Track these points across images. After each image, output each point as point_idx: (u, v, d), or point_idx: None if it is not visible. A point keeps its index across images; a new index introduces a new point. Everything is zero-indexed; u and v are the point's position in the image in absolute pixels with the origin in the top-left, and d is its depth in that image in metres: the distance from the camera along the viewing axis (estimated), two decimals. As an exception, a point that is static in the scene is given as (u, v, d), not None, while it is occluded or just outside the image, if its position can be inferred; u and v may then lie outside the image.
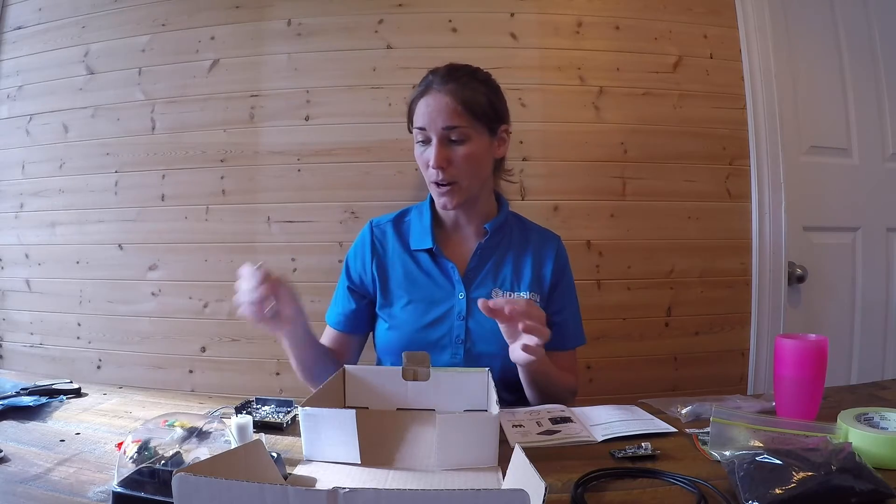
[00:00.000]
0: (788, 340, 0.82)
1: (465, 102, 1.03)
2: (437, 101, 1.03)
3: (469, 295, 1.08)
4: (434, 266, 1.11)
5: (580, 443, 0.76)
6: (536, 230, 1.19)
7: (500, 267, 1.12)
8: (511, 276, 1.11)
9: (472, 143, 1.04)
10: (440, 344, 1.06)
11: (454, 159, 1.03)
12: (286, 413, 0.86)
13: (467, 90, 1.04)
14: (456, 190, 1.05)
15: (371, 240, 1.16)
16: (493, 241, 1.12)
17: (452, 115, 1.02)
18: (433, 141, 1.03)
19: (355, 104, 1.63)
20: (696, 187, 1.66)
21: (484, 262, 1.11)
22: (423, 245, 1.11)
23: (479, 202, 1.12)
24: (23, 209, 1.84)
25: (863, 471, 0.57)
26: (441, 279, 1.10)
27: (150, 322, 1.72)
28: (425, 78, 1.08)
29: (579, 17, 1.64)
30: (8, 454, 0.69)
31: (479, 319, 1.05)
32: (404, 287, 1.11)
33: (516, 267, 1.12)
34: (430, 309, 1.08)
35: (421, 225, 1.14)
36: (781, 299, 1.67)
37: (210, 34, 1.69)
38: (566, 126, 1.63)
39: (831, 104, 1.79)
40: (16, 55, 1.85)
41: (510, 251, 1.13)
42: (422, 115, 1.04)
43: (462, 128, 1.02)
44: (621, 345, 1.63)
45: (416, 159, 1.08)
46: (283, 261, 1.65)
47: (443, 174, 1.03)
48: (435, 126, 1.02)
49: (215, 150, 1.68)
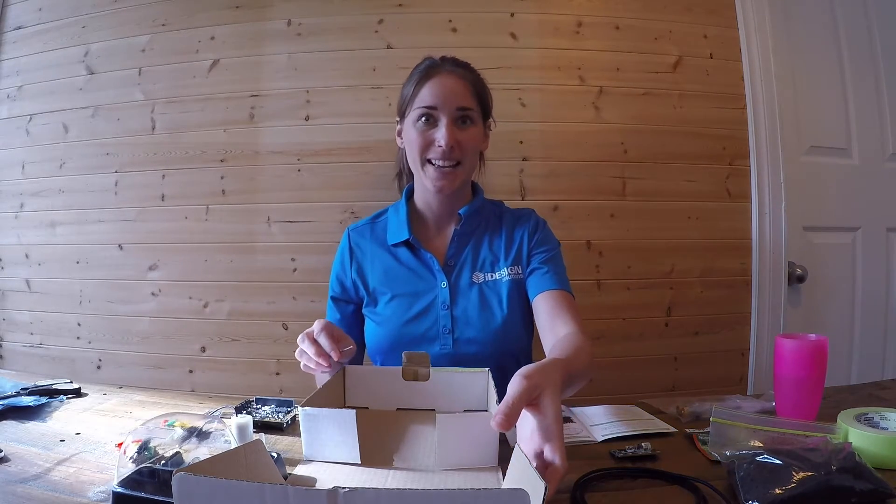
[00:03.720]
0: (788, 340, 0.82)
1: (475, 88, 1.07)
2: (453, 82, 1.04)
3: (451, 282, 1.08)
4: (413, 258, 1.11)
5: (580, 443, 0.76)
6: (510, 211, 1.19)
7: (477, 251, 1.12)
8: (490, 257, 1.11)
9: (476, 128, 1.07)
10: (427, 336, 1.06)
11: (463, 140, 1.04)
12: (286, 413, 0.87)
13: (475, 77, 1.09)
14: (459, 172, 1.06)
15: (348, 244, 1.17)
16: (468, 226, 1.12)
17: (466, 97, 1.04)
18: (443, 120, 1.03)
19: (355, 104, 1.63)
20: (696, 187, 1.66)
21: (462, 248, 1.12)
22: (400, 238, 1.11)
23: (462, 191, 1.13)
24: (23, 209, 1.84)
25: (863, 471, 0.57)
26: (422, 270, 1.10)
27: (150, 322, 1.72)
28: (425, 63, 1.09)
29: (579, 17, 1.64)
30: (8, 454, 0.69)
31: (464, 307, 1.06)
32: (385, 283, 1.11)
33: (493, 248, 1.12)
34: (414, 302, 1.08)
35: (397, 219, 1.14)
36: (781, 299, 1.67)
37: (210, 34, 1.69)
38: (566, 126, 1.63)
39: (831, 104, 1.79)
40: (16, 55, 1.85)
41: (486, 234, 1.14)
42: (432, 94, 1.04)
43: (472, 111, 1.05)
44: (621, 345, 1.63)
45: (411, 141, 1.07)
46: (283, 261, 1.65)
47: (451, 153, 1.03)
48: (449, 105, 1.03)
49: (215, 150, 1.68)
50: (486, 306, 1.06)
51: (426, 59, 1.10)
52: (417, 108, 1.05)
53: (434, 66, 1.07)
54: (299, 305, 1.64)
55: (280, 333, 1.65)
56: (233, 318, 1.68)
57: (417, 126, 1.05)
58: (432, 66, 1.07)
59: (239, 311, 1.67)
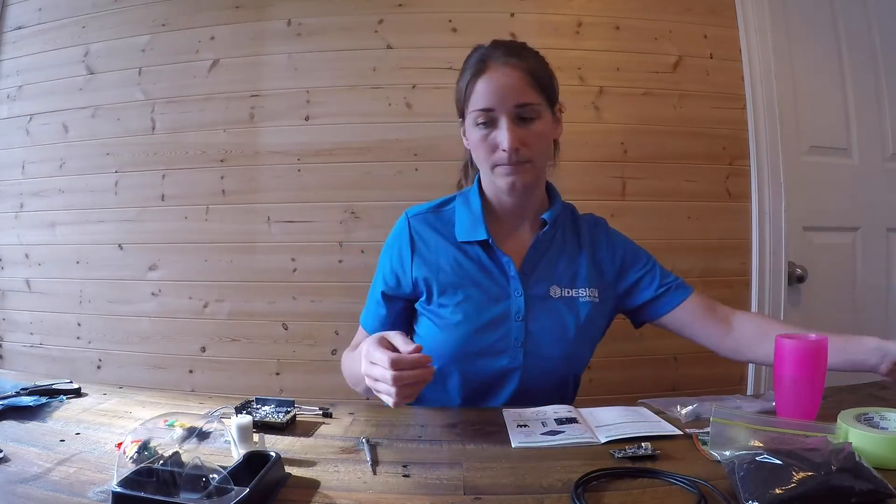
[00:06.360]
0: (788, 340, 0.82)
1: (534, 76, 0.94)
2: (506, 77, 0.93)
3: (527, 292, 0.99)
4: (488, 260, 1.00)
5: (581, 444, 0.76)
6: (583, 218, 1.11)
7: (555, 262, 1.03)
8: (567, 271, 1.03)
9: (542, 120, 0.96)
10: (496, 348, 0.97)
11: (527, 139, 0.94)
12: (286, 413, 0.86)
13: (533, 62, 0.96)
14: (529, 169, 0.96)
15: (409, 233, 1.03)
16: (549, 233, 1.02)
17: (524, 91, 0.93)
18: (502, 121, 0.93)
19: (355, 104, 1.63)
20: (696, 187, 1.66)
21: (540, 257, 1.02)
22: (474, 236, 1.00)
23: (537, 189, 1.03)
24: (23, 209, 1.84)
25: (863, 471, 0.57)
26: (497, 274, 1.00)
27: (150, 322, 1.72)
28: (476, 54, 0.97)
29: (579, 17, 1.64)
30: (8, 454, 0.69)
31: (540, 320, 0.98)
32: (455, 283, 0.99)
33: (571, 261, 1.04)
34: (486, 309, 0.98)
35: (470, 214, 1.02)
36: (781, 299, 1.67)
37: (210, 34, 1.69)
38: (566, 126, 1.62)
39: (831, 104, 1.79)
40: (16, 55, 1.85)
41: (565, 245, 1.05)
42: (486, 93, 0.93)
43: (534, 105, 0.94)
44: (621, 345, 1.62)
45: (475, 145, 0.98)
46: (283, 261, 1.65)
47: (517, 155, 0.93)
48: (505, 104, 0.92)
49: (215, 150, 1.68)
50: (562, 323, 0.99)
51: (477, 49, 0.98)
52: (474, 110, 0.95)
53: (486, 59, 0.95)
54: (299, 305, 1.64)
55: (280, 333, 1.65)
56: (233, 318, 1.67)
57: (478, 130, 0.96)
58: (484, 57, 0.95)
59: (239, 311, 1.67)
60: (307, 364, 1.64)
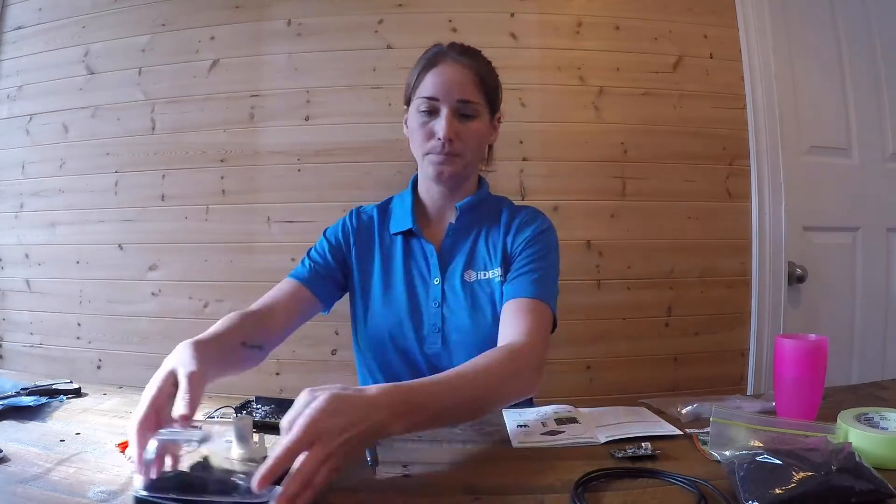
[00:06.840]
0: (788, 340, 0.82)
1: (481, 78, 1.01)
2: (455, 72, 1.00)
3: (443, 279, 1.04)
4: (412, 248, 1.08)
5: (581, 444, 0.76)
6: (513, 207, 1.12)
7: (474, 248, 1.07)
8: (485, 255, 1.06)
9: (480, 120, 1.02)
10: (419, 335, 1.03)
11: (463, 133, 1.00)
12: (286, 413, 0.86)
13: (483, 67, 1.03)
14: (458, 161, 1.01)
15: (353, 225, 1.12)
16: (465, 220, 1.07)
17: (469, 89, 1.00)
18: (443, 112, 0.99)
19: (355, 104, 1.63)
20: (696, 187, 1.66)
21: (457, 243, 1.07)
22: (403, 227, 1.08)
23: (465, 183, 1.09)
24: (23, 209, 1.84)
25: (863, 471, 0.57)
26: (420, 260, 1.07)
27: (149, 322, 1.72)
28: (433, 49, 1.05)
29: (579, 17, 1.64)
30: (8, 454, 0.69)
31: (453, 307, 1.03)
32: (382, 275, 1.07)
33: (489, 246, 1.06)
34: (409, 297, 1.05)
35: (402, 207, 1.11)
36: (781, 299, 1.67)
37: (210, 34, 1.69)
38: (566, 126, 1.63)
39: (831, 104, 1.79)
40: (16, 55, 1.85)
41: (483, 230, 1.08)
42: (434, 84, 1.00)
43: (475, 104, 1.01)
44: (621, 345, 1.63)
45: (413, 131, 1.04)
46: (283, 261, 1.64)
47: (450, 146, 0.99)
48: (450, 97, 0.99)
49: (215, 150, 1.68)
50: (476, 307, 1.02)
51: (434, 46, 1.06)
52: (419, 97, 1.01)
53: (439, 55, 1.02)
54: (299, 305, 1.64)
55: (280, 333, 1.65)
56: (233, 318, 1.67)
57: (419, 117, 1.02)
58: (437, 53, 1.03)
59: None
60: (307, 364, 1.64)
